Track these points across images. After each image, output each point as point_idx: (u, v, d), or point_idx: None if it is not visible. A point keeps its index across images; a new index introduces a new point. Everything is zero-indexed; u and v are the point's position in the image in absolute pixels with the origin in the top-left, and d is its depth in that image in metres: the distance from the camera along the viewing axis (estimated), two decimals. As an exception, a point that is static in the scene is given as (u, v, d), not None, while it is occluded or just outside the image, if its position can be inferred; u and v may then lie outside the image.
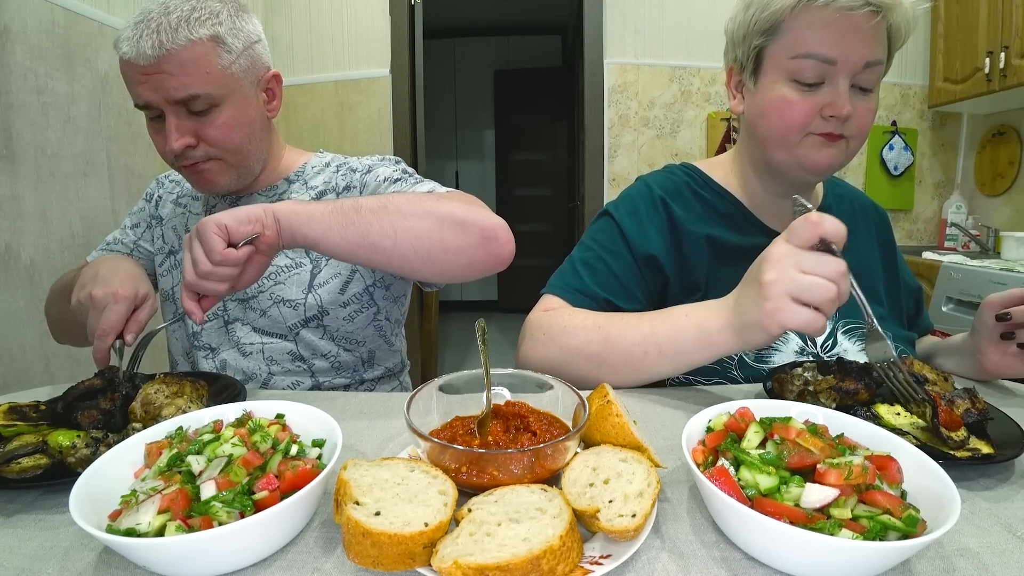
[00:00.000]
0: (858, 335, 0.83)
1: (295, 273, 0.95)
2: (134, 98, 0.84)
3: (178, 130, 0.83)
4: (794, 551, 0.40)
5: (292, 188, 1.01)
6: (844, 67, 0.74)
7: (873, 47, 0.74)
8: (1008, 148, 2.65)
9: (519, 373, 0.64)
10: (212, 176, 0.90)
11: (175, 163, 0.88)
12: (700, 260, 0.86)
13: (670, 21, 2.68)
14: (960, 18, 2.49)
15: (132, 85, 0.83)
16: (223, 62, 0.85)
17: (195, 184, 0.92)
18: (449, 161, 5.44)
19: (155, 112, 0.85)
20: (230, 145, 0.88)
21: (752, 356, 0.79)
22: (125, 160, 1.74)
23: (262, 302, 0.95)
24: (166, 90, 0.81)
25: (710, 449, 0.50)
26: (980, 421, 0.60)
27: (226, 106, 0.86)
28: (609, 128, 2.74)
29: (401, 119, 2.69)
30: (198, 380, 0.70)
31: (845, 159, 0.80)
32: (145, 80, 0.81)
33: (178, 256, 1.02)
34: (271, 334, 0.96)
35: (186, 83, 0.81)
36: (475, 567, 0.38)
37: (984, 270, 2.05)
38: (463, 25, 5.08)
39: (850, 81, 0.75)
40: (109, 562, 0.44)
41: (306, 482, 0.45)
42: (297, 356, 0.96)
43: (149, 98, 0.82)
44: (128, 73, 0.82)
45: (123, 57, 0.81)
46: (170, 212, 1.06)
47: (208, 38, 0.82)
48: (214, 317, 0.97)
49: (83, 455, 0.53)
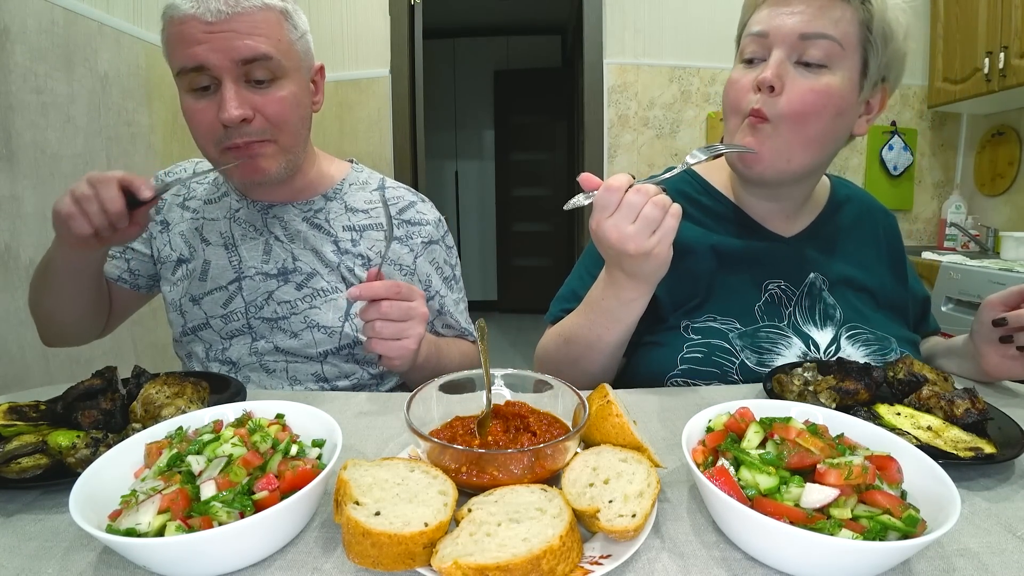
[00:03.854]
0: (862, 340, 0.83)
1: (332, 299, 0.92)
2: (184, 60, 0.77)
3: (237, 98, 0.77)
4: (794, 551, 0.40)
5: (330, 207, 0.97)
6: (776, 39, 0.73)
7: (814, 20, 0.72)
8: (1007, 148, 2.65)
9: (519, 373, 0.64)
10: (263, 161, 0.83)
11: (220, 144, 0.80)
12: (703, 269, 0.84)
13: (670, 21, 2.68)
14: (959, 18, 2.49)
15: (188, 45, 0.76)
16: (290, 36, 0.82)
17: (239, 173, 0.83)
18: (449, 161, 5.44)
19: (205, 81, 0.78)
20: (288, 123, 0.83)
21: (753, 360, 0.79)
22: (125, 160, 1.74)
23: (294, 324, 0.92)
24: (234, 49, 0.76)
25: (710, 449, 0.50)
26: (980, 421, 0.60)
27: (287, 81, 0.82)
28: (609, 128, 2.74)
29: (401, 119, 2.69)
30: (200, 381, 0.70)
31: (773, 152, 0.75)
32: (208, 39, 0.75)
33: (190, 266, 0.95)
34: (299, 356, 0.92)
35: (258, 43, 0.77)
36: (475, 567, 0.38)
37: (983, 270, 2.05)
38: (463, 25, 5.08)
39: (789, 55, 0.73)
40: (109, 562, 0.44)
41: (306, 482, 0.45)
42: (321, 377, 0.94)
43: (208, 59, 0.75)
44: (186, 32, 0.76)
45: (182, 14, 0.75)
46: (178, 217, 0.98)
47: (279, 9, 0.80)
48: (240, 334, 0.93)
49: (83, 455, 0.53)
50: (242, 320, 0.93)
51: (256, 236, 0.94)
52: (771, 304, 0.83)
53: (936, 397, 0.63)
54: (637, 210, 0.64)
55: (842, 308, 0.84)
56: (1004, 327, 0.73)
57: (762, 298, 0.83)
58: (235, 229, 0.95)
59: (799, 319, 0.83)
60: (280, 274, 0.93)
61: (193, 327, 0.94)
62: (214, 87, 0.79)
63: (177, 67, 0.78)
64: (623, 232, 0.65)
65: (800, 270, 0.85)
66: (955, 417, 0.61)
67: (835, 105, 0.73)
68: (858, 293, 0.87)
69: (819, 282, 0.85)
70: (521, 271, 5.42)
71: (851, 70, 0.74)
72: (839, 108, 0.74)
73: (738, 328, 0.80)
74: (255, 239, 0.94)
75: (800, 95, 0.72)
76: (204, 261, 0.94)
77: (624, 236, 0.65)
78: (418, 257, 0.98)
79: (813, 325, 0.83)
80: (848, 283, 0.87)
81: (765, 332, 0.81)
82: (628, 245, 0.65)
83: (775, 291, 0.84)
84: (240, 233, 0.95)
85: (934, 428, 0.59)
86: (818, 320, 0.83)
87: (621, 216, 0.65)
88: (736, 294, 0.82)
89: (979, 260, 2.23)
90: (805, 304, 0.84)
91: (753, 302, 0.83)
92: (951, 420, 0.61)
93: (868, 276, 0.89)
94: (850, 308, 0.85)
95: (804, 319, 0.83)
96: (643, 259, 0.66)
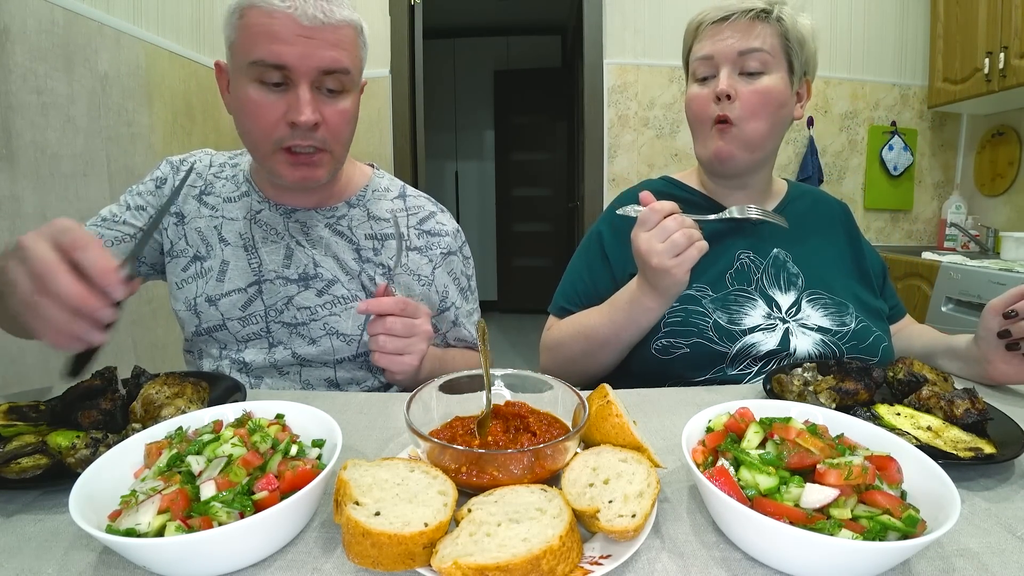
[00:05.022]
0: (820, 304, 0.94)
1: (351, 306, 0.92)
2: (266, 55, 0.76)
3: (313, 103, 0.79)
4: (794, 551, 0.40)
5: (353, 214, 0.96)
6: (721, 58, 0.91)
7: (745, 39, 0.90)
8: (1007, 148, 2.65)
9: (519, 373, 0.64)
10: (318, 165, 0.84)
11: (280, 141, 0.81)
12: None
13: (670, 21, 2.68)
14: (959, 18, 2.49)
15: (275, 41, 0.76)
16: (360, 53, 0.85)
17: (290, 172, 0.83)
18: (449, 161, 5.44)
19: (278, 78, 0.78)
20: (344, 135, 0.86)
21: (725, 319, 0.90)
22: (124, 160, 1.74)
23: (313, 330, 0.91)
24: (320, 58, 0.78)
25: (710, 449, 0.50)
26: (980, 421, 0.60)
27: (351, 95, 0.85)
28: (609, 128, 2.74)
29: (401, 119, 2.69)
30: (200, 381, 0.70)
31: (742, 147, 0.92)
32: (298, 42, 0.76)
33: (206, 264, 0.93)
34: (314, 362, 0.92)
35: (341, 57, 0.80)
36: (475, 567, 0.38)
37: (984, 270, 2.05)
38: (463, 25, 5.08)
39: (733, 69, 0.91)
40: (109, 562, 0.44)
41: (306, 482, 0.45)
42: (333, 383, 0.94)
43: (295, 61, 0.77)
44: (276, 27, 0.75)
45: (273, 7, 0.75)
46: (194, 211, 0.95)
47: (357, 26, 0.84)
48: (257, 338, 0.92)
49: (83, 455, 0.53)
50: (261, 323, 0.92)
51: (277, 240, 0.93)
52: (741, 272, 0.96)
53: (936, 397, 0.64)
54: (669, 233, 0.77)
55: (805, 276, 0.96)
56: (1009, 337, 0.75)
57: (733, 266, 0.96)
58: (255, 231, 0.94)
59: (765, 284, 0.95)
60: (301, 279, 0.92)
61: (208, 328, 0.92)
62: (287, 86, 0.79)
63: (254, 57, 0.77)
64: (651, 247, 0.77)
65: (766, 244, 0.98)
66: (955, 417, 0.61)
67: (776, 99, 0.91)
68: (820, 264, 0.99)
69: (782, 256, 0.98)
70: (521, 271, 5.42)
71: (782, 71, 0.92)
72: (780, 101, 0.92)
73: (711, 294, 0.93)
74: (276, 243, 0.93)
75: (750, 97, 0.90)
76: (222, 261, 0.93)
77: (651, 250, 0.77)
78: (436, 268, 0.98)
79: (778, 289, 0.95)
80: (810, 255, 0.99)
81: (734, 296, 0.93)
82: (652, 259, 0.77)
83: (744, 260, 0.97)
84: (261, 235, 0.93)
85: (934, 428, 0.59)
86: (782, 285, 0.96)
87: (654, 233, 0.78)
88: (712, 266, 0.94)
89: (979, 260, 2.23)
90: (771, 272, 0.96)
91: (725, 270, 0.95)
92: (951, 420, 0.61)
93: (828, 249, 1.01)
94: (813, 276, 0.97)
95: (770, 284, 0.95)
96: (662, 274, 0.78)
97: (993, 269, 2.03)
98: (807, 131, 2.78)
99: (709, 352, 0.88)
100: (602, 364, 0.92)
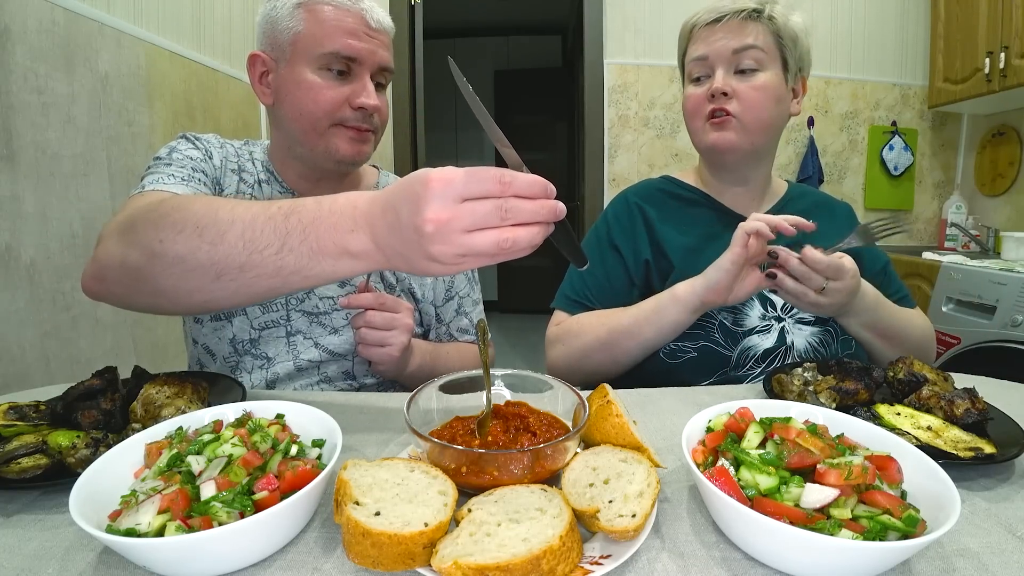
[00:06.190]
0: None
1: None
2: (341, 47, 0.84)
3: (374, 91, 0.89)
4: (794, 551, 0.40)
5: None
6: (715, 59, 0.94)
7: (739, 38, 0.92)
8: (1008, 148, 2.65)
9: (519, 373, 0.64)
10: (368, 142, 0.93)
11: (341, 120, 0.87)
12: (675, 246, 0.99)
13: (670, 21, 2.68)
14: (960, 18, 2.49)
15: (350, 36, 0.85)
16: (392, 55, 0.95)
17: (348, 146, 0.89)
18: (449, 161, 5.34)
19: (342, 67, 0.86)
20: (383, 123, 0.95)
21: (730, 320, 0.93)
22: (125, 160, 1.74)
23: (335, 320, 0.93)
24: (382, 56, 0.89)
25: (710, 449, 0.50)
26: (980, 421, 0.60)
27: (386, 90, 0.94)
28: (609, 128, 2.74)
29: (401, 119, 2.69)
30: (200, 381, 0.70)
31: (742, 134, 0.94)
32: (367, 40, 0.86)
33: None
34: (335, 353, 0.93)
35: (390, 58, 0.91)
36: (475, 567, 0.38)
37: (984, 270, 2.05)
38: (463, 25, 5.08)
39: (728, 68, 0.94)
40: (109, 562, 0.44)
41: (306, 482, 0.45)
42: (350, 375, 0.94)
43: (365, 56, 0.86)
44: (350, 24, 0.85)
45: (352, 10, 0.85)
46: (233, 185, 0.92)
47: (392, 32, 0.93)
48: (275, 326, 0.91)
49: (83, 455, 0.53)
50: (281, 311, 0.92)
51: None
52: None
53: (936, 397, 0.63)
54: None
55: None
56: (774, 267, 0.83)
57: None
58: None
59: None
60: None
61: (226, 312, 0.90)
62: (349, 76, 0.87)
63: (329, 49, 0.84)
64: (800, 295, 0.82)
65: None
66: (955, 417, 0.61)
67: (772, 95, 0.94)
68: None
69: None
70: (521, 271, 5.42)
71: (776, 67, 0.94)
72: (776, 96, 0.94)
73: None
74: None
75: (747, 92, 0.93)
76: None
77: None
78: None
79: None
80: None
81: None
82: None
83: None
84: None
85: (934, 428, 0.59)
86: None
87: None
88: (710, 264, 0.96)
89: (980, 260, 2.23)
90: None
91: None
92: (951, 420, 0.61)
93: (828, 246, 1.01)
94: None
95: None
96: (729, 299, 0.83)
97: (994, 269, 2.03)
98: (807, 131, 2.78)
99: (715, 355, 0.90)
100: (621, 362, 0.92)
